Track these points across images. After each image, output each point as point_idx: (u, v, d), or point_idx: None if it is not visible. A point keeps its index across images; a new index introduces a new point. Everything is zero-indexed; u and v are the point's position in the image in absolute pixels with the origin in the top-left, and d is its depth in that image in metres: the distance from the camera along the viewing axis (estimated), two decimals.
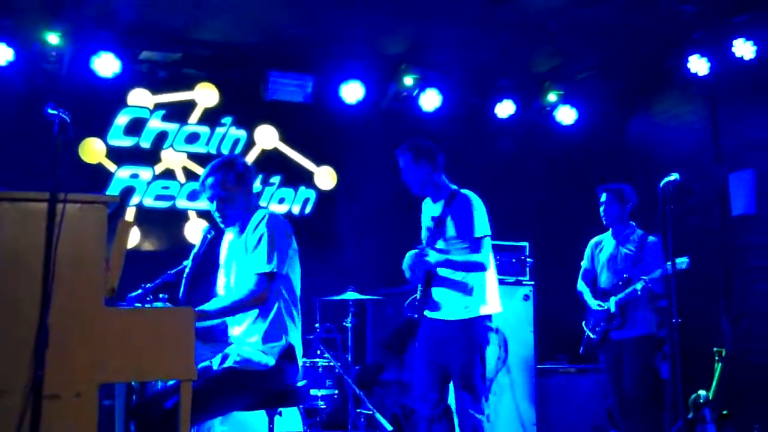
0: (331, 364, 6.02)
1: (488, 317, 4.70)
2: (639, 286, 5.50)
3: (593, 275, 6.03)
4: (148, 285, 4.17)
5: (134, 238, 7.15)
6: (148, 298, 4.11)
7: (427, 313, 4.77)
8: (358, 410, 6.02)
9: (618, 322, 5.64)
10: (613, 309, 5.68)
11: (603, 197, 5.86)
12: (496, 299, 4.76)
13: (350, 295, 6.24)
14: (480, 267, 4.63)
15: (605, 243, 5.97)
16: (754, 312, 6.99)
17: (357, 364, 6.59)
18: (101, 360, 2.98)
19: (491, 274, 4.76)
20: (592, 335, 5.84)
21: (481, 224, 4.66)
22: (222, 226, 4.16)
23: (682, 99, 7.90)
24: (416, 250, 4.76)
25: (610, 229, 5.93)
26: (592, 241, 6.09)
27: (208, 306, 3.80)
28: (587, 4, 6.53)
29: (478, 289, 4.66)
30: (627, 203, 5.83)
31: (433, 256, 4.67)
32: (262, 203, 7.59)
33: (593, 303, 5.86)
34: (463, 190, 4.81)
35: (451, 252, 4.69)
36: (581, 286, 6.06)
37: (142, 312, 3.32)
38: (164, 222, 7.40)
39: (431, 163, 4.84)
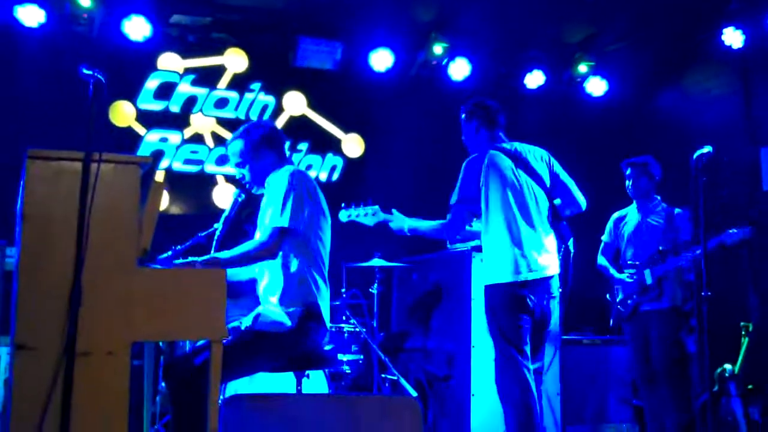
0: (357, 329, 6.05)
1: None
2: (688, 256, 5.44)
3: (614, 249, 6.02)
4: (178, 247, 4.22)
5: (163, 201, 7.19)
6: (178, 260, 4.15)
7: None
8: (382, 375, 6.06)
9: (654, 294, 5.61)
10: (649, 281, 5.64)
11: (628, 171, 5.85)
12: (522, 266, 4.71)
13: (376, 262, 6.26)
14: (441, 235, 5.00)
15: (630, 217, 5.95)
16: None
17: (382, 330, 6.63)
18: (133, 319, 3.01)
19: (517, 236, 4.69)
20: (621, 308, 5.82)
21: (459, 187, 4.72)
22: (252, 190, 4.18)
23: (714, 72, 7.79)
24: None
25: (634, 202, 5.92)
26: (615, 215, 6.06)
27: (220, 254, 3.82)
28: None
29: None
30: (654, 176, 5.81)
31: None
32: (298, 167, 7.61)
33: (622, 275, 5.82)
34: (487, 152, 4.76)
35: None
36: (602, 260, 6.05)
37: (174, 272, 3.35)
38: (192, 186, 7.44)
39: (480, 123, 4.88)
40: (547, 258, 4.65)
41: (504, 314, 4.57)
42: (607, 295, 6.03)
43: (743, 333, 6.25)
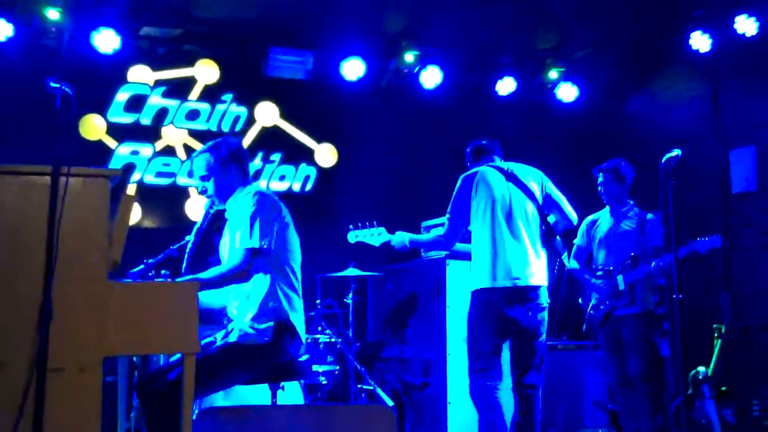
0: (333, 340, 6.04)
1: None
2: (652, 264, 5.45)
3: (587, 254, 5.98)
4: (150, 260, 4.20)
5: (135, 214, 7.15)
6: (150, 274, 4.13)
7: None
8: (359, 386, 6.05)
9: (627, 299, 5.59)
10: (622, 286, 5.62)
11: (600, 178, 5.85)
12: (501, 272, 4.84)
13: (351, 272, 6.26)
14: (440, 246, 5.22)
15: (602, 221, 5.93)
16: (754, 289, 7.01)
17: (358, 340, 6.62)
18: (105, 334, 2.99)
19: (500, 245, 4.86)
20: (594, 313, 5.79)
21: (452, 203, 4.98)
22: (214, 205, 4.17)
23: (683, 76, 7.88)
24: None
25: (607, 207, 5.91)
26: (588, 219, 6.01)
27: (197, 276, 3.81)
28: None
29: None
30: (625, 180, 5.81)
31: None
32: (262, 181, 7.60)
33: (597, 280, 5.79)
34: (470, 171, 5.03)
35: None
36: (574, 264, 5.99)
37: (146, 286, 3.33)
38: (165, 199, 7.39)
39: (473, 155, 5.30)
40: (530, 268, 4.78)
41: (479, 320, 4.69)
42: (580, 300, 6.01)
43: (716, 335, 6.29)
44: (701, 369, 6.19)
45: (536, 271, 4.80)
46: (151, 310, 3.07)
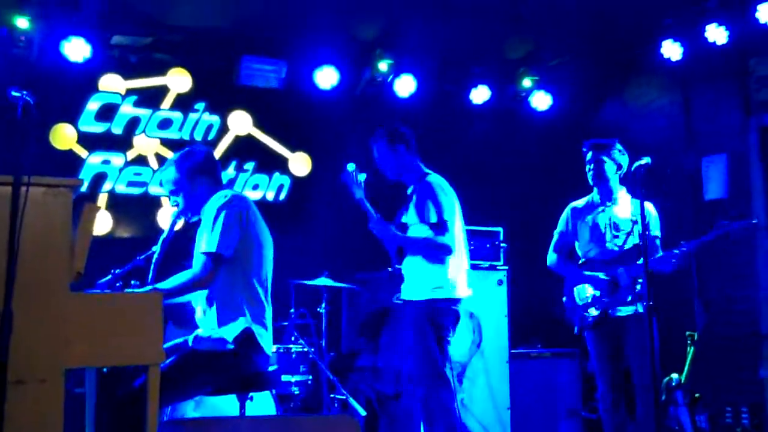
0: (305, 349, 6.00)
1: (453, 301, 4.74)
2: (675, 251, 4.86)
3: (570, 245, 5.35)
4: (118, 270, 4.15)
5: (107, 224, 7.10)
6: (118, 284, 4.09)
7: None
8: (332, 396, 6.02)
9: (630, 296, 4.93)
10: (624, 281, 4.99)
11: (590, 155, 5.25)
12: (463, 283, 4.80)
13: (324, 281, 6.23)
14: (443, 249, 4.64)
15: (590, 207, 5.30)
16: (726, 296, 7.04)
17: (332, 350, 6.59)
18: (67, 345, 2.95)
19: (457, 259, 4.78)
20: (586, 313, 5.11)
21: (443, 209, 4.68)
22: (187, 218, 4.14)
23: (655, 84, 7.93)
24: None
25: (595, 191, 5.28)
26: (572, 205, 5.39)
27: (158, 285, 3.78)
28: None
29: (442, 270, 4.71)
30: (623, 162, 5.24)
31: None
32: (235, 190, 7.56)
33: (597, 273, 5.08)
34: (431, 176, 4.82)
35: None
36: (555, 257, 5.35)
37: (108, 296, 3.28)
38: (137, 208, 7.32)
39: (407, 148, 4.86)
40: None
41: (441, 330, 4.65)
42: (564, 299, 5.34)
43: (689, 342, 6.31)
44: (674, 376, 6.21)
45: None
46: (113, 320, 3.03)
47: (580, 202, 5.35)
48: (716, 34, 6.83)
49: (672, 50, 7.19)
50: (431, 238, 4.66)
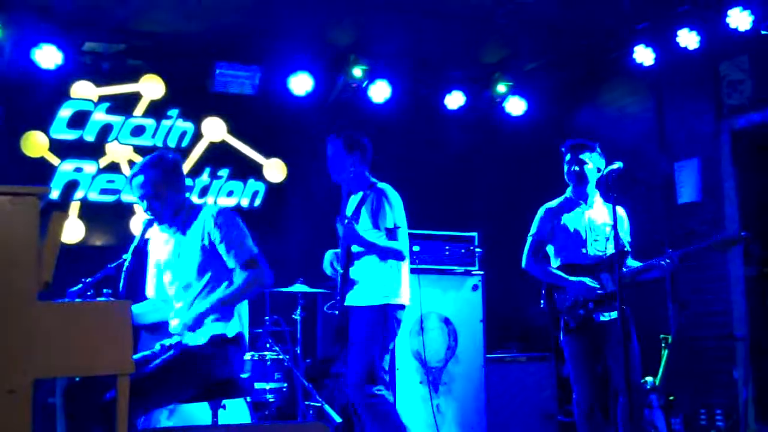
0: (280, 357, 5.98)
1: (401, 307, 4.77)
2: (668, 260, 4.78)
3: (545, 247, 5.18)
4: (89, 279, 4.11)
5: (80, 232, 7.05)
6: (89, 293, 4.04)
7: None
8: (307, 403, 5.99)
9: (614, 301, 4.68)
10: (610, 287, 4.85)
11: (569, 156, 5.15)
12: (408, 291, 4.83)
13: (299, 288, 6.21)
14: (398, 255, 4.68)
15: (568, 208, 5.14)
16: (700, 299, 7.08)
17: (307, 356, 6.56)
18: (34, 355, 2.92)
19: (406, 267, 4.83)
20: (569, 318, 4.95)
21: (396, 215, 4.73)
22: (158, 225, 4.12)
23: (628, 89, 7.97)
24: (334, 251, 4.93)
25: (570, 193, 5.19)
26: (547, 205, 5.22)
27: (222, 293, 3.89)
28: None
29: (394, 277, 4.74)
30: (602, 164, 5.11)
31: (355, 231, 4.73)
32: (209, 197, 7.52)
33: (584, 278, 4.94)
34: (381, 184, 4.84)
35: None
36: (533, 260, 5.14)
37: (76, 306, 3.24)
38: (110, 216, 7.28)
39: (362, 157, 4.87)
40: None
41: (389, 338, 4.71)
42: (542, 303, 5.11)
43: (663, 345, 6.34)
44: (649, 379, 6.23)
45: None
46: (82, 330, 3.00)
47: (554, 203, 5.23)
48: (688, 39, 6.87)
49: (644, 55, 7.23)
50: (390, 245, 4.68)
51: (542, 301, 5.10)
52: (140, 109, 7.42)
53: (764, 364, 6.87)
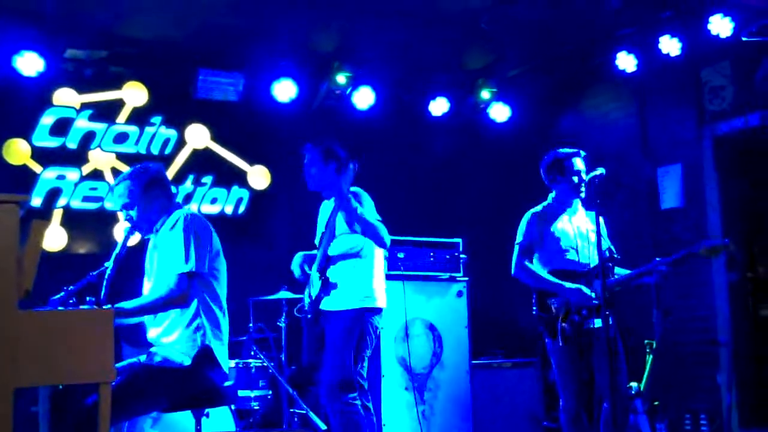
0: (264, 364, 5.95)
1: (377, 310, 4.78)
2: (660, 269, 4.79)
3: (534, 252, 5.09)
4: (71, 287, 4.08)
5: (62, 240, 7.01)
6: (71, 301, 4.01)
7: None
8: (291, 410, 5.97)
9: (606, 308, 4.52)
10: (602, 294, 4.59)
11: (580, 167, 5.10)
12: (383, 294, 4.84)
13: (283, 295, 6.19)
14: (382, 242, 4.67)
15: (553, 215, 5.11)
16: (684, 305, 7.11)
17: (292, 364, 6.54)
18: (15, 364, 2.88)
19: (380, 271, 4.85)
20: (565, 325, 4.85)
21: (371, 212, 4.74)
22: (141, 233, 4.12)
23: (611, 95, 8.01)
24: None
25: (552, 199, 5.17)
26: (532, 211, 5.17)
27: (126, 303, 3.74)
28: (513, 2, 6.56)
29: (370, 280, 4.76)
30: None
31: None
32: (193, 204, 7.49)
33: (579, 285, 4.87)
34: (352, 188, 4.82)
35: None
36: (523, 266, 5.03)
37: (58, 314, 3.21)
38: (93, 224, 7.23)
39: (337, 169, 4.87)
40: None
41: (368, 343, 4.71)
42: (534, 309, 5.03)
43: (648, 350, 6.35)
44: (633, 384, 6.23)
45: None
46: (64, 338, 2.97)
47: (538, 208, 5.18)
48: (670, 45, 6.91)
49: (627, 62, 7.27)
50: (381, 228, 4.68)
51: (534, 308, 5.01)
52: (123, 116, 7.38)
53: (747, 369, 6.91)
